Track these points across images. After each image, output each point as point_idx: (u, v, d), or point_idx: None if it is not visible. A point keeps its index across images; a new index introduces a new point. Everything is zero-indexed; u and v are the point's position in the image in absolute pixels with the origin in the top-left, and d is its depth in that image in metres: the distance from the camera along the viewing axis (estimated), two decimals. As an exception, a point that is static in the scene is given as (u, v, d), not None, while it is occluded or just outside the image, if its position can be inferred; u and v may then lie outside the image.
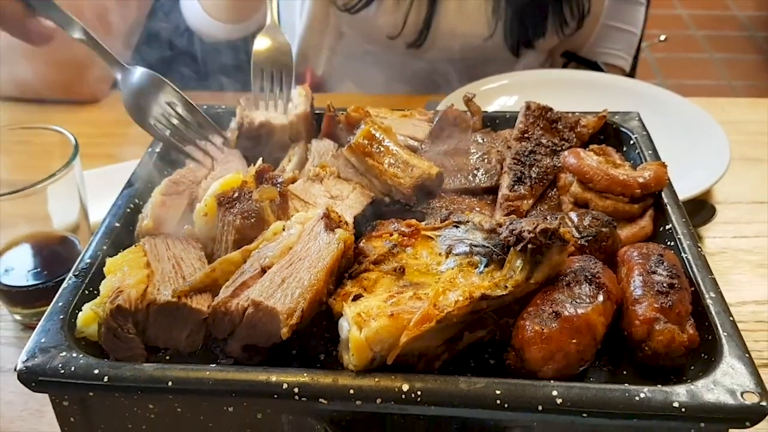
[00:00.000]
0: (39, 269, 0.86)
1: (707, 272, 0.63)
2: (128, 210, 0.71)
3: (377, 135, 0.72)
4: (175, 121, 0.69)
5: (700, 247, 0.65)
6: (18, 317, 0.87)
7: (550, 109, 0.79)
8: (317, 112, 0.83)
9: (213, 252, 0.64)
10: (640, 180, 0.70)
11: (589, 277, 0.58)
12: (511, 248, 0.57)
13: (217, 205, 0.63)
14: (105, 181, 0.95)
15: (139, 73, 0.71)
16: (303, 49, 1.41)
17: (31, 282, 0.84)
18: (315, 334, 0.61)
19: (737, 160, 1.10)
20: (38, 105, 1.31)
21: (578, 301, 0.56)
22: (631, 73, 2.01)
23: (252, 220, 0.62)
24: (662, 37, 4.82)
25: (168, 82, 0.72)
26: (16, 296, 0.85)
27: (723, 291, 0.88)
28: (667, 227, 0.69)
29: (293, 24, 1.44)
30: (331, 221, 0.61)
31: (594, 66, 1.50)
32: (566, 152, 0.73)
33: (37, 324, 0.60)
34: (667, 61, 4.29)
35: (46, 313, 0.60)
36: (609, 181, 0.69)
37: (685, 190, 0.96)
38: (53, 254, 0.87)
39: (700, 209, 0.99)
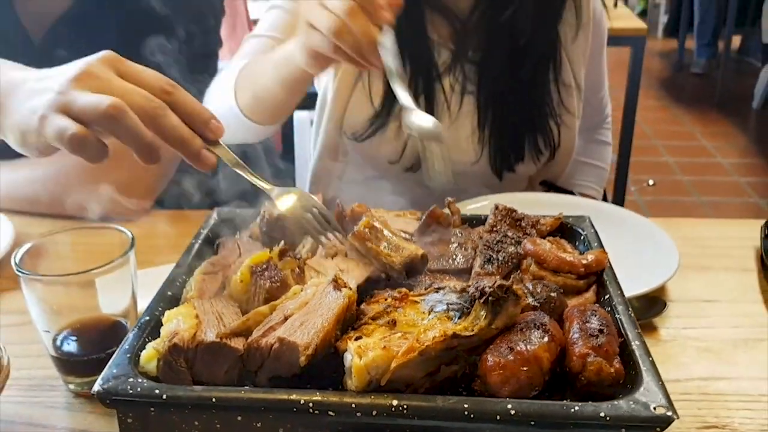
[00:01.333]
0: (92, 344, 1.02)
1: (634, 327, 0.79)
2: (177, 283, 0.90)
3: (376, 225, 0.91)
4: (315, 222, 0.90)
5: (630, 311, 0.82)
6: (72, 386, 1.03)
7: (515, 211, 0.98)
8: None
9: (246, 310, 0.81)
10: (584, 261, 0.88)
11: (539, 324, 0.75)
12: (476, 301, 0.74)
13: (250, 273, 0.82)
14: (147, 279, 1.12)
15: (288, 191, 0.92)
16: (316, 174, 1.64)
17: (86, 353, 1.01)
18: (325, 374, 0.77)
19: (689, 268, 1.28)
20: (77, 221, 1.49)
21: (529, 341, 0.73)
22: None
23: (277, 284, 0.80)
24: (651, 182, 5.12)
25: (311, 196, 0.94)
26: (71, 366, 1.01)
27: (671, 370, 1.05)
28: (606, 297, 0.86)
29: (309, 153, 1.67)
30: (338, 284, 0.79)
31: (569, 194, 1.72)
32: (525, 240, 0.92)
33: (88, 392, 0.75)
34: (656, 204, 4.55)
35: (115, 353, 0.76)
36: (559, 261, 0.87)
37: (637, 288, 1.14)
38: (105, 333, 1.03)
39: (653, 304, 1.16)
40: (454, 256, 0.92)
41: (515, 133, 1.57)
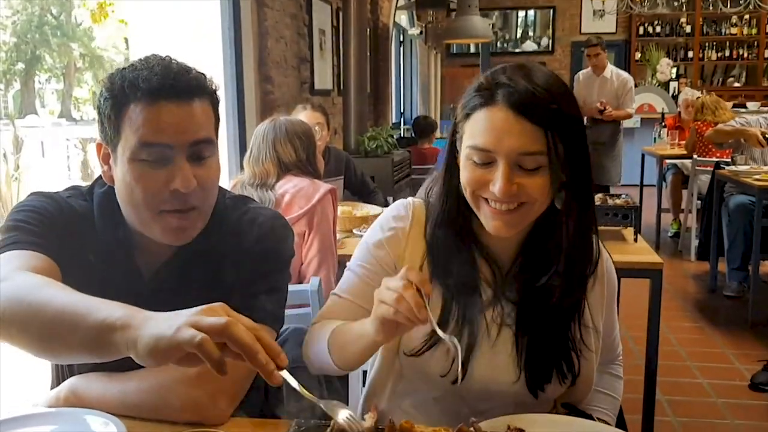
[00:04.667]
0: None
1: None
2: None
3: (416, 436, 1.24)
4: None
5: None
6: None
7: (523, 430, 1.30)
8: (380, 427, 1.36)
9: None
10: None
11: None
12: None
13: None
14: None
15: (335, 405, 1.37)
16: (372, 389, 1.97)
17: None
18: None
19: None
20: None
21: None
22: None
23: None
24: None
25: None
26: None
27: None
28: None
29: (359, 371, 2.02)
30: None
31: (587, 416, 2.00)
32: None
33: None
34: (691, 425, 4.66)
35: None
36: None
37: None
38: None
39: None
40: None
41: (545, 361, 1.89)
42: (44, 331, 1.52)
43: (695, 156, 8.60)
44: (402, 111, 12.46)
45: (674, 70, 14.74)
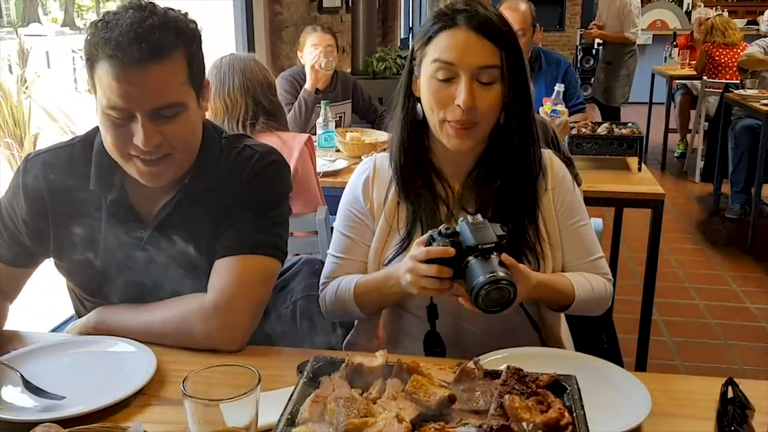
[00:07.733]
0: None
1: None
2: (288, 417, 1.34)
3: (421, 381, 1.36)
4: None
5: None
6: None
7: (521, 370, 1.42)
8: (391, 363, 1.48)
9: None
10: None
11: (527, 451, 1.18)
12: (487, 433, 1.19)
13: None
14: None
15: None
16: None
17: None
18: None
19: (660, 414, 1.66)
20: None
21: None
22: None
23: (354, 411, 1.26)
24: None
25: None
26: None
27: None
28: (577, 435, 1.29)
29: None
30: (399, 418, 1.23)
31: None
32: (506, 397, 1.33)
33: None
34: (685, 345, 4.84)
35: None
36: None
37: (614, 429, 1.54)
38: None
39: (629, 441, 1.57)
40: (478, 401, 1.36)
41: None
42: None
43: (704, 77, 8.55)
44: (411, 26, 12.27)
45: (689, -17, 14.37)
